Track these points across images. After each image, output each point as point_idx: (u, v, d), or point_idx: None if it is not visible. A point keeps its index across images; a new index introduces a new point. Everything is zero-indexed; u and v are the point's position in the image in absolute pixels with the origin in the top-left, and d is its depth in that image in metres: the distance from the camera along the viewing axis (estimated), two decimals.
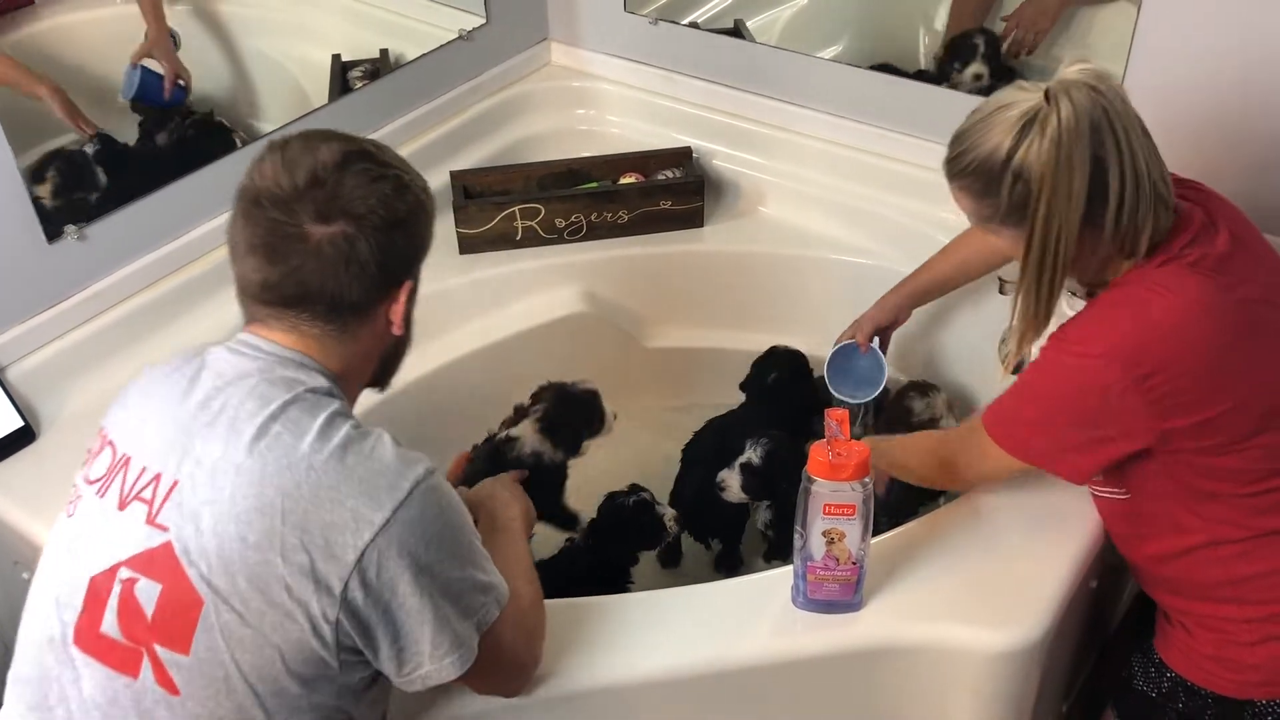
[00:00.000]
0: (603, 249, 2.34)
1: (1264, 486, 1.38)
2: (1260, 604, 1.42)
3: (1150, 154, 1.33)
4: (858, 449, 1.34)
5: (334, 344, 1.23)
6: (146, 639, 1.11)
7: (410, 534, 1.13)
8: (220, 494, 1.11)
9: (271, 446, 1.13)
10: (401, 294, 1.26)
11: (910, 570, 1.50)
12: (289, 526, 1.10)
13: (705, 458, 2.02)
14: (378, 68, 2.38)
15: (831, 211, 2.31)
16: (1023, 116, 1.31)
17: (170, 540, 1.11)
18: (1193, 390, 1.32)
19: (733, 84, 2.41)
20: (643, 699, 1.44)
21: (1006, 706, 1.49)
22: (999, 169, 1.33)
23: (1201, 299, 1.33)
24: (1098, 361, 1.34)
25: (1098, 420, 1.37)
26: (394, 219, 1.21)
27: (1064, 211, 1.31)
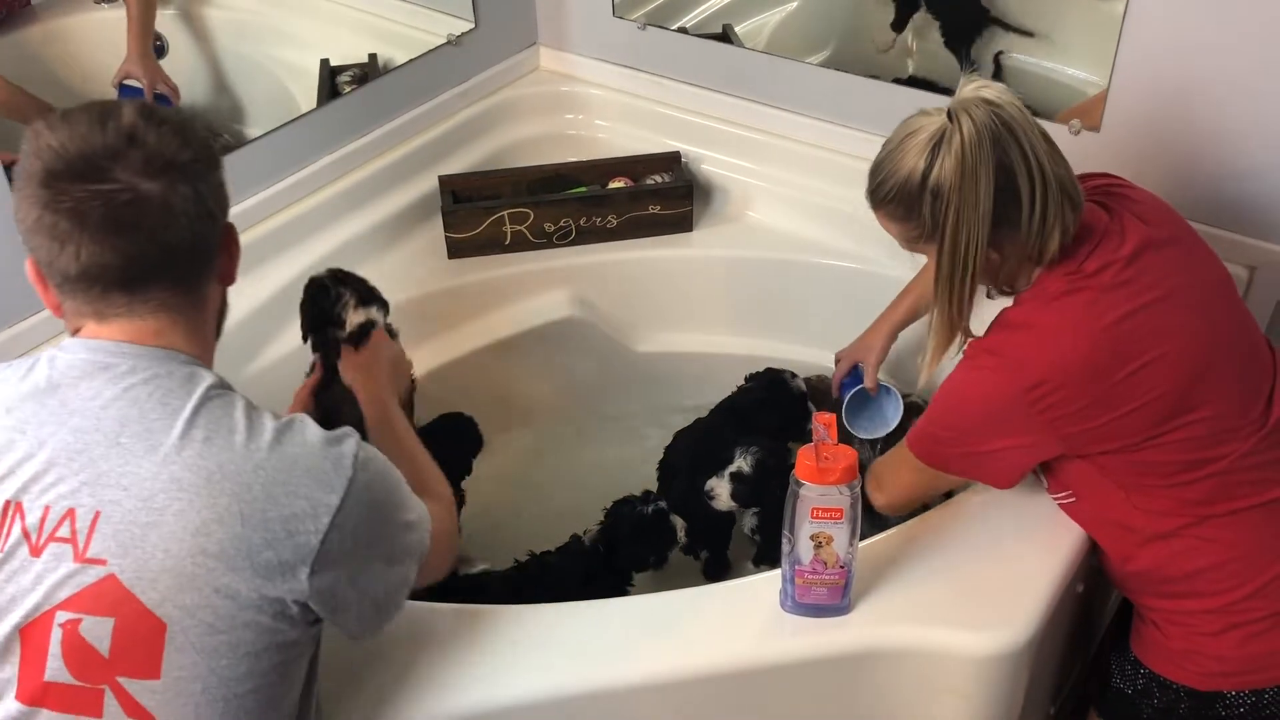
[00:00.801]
0: (591, 253, 2.34)
1: (1187, 477, 1.43)
2: (1213, 595, 1.45)
3: (1054, 158, 1.41)
4: (845, 453, 1.34)
5: (189, 316, 1.19)
6: (106, 675, 1.07)
7: (362, 505, 1.16)
8: (163, 514, 1.08)
9: (204, 454, 1.10)
10: (228, 237, 1.23)
11: (898, 574, 1.50)
12: (250, 528, 1.09)
13: (683, 468, 2.02)
14: (366, 72, 2.38)
15: (819, 216, 2.31)
16: (931, 138, 1.39)
17: (112, 572, 1.07)
18: (1076, 401, 1.40)
19: (721, 89, 2.42)
20: (631, 704, 1.44)
21: (994, 710, 1.49)
22: (917, 190, 1.40)
23: (1081, 323, 1.40)
24: (993, 375, 1.43)
25: (1001, 429, 1.46)
26: (211, 159, 1.18)
27: (972, 221, 1.38)
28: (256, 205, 2.11)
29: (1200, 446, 1.42)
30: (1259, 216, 1.86)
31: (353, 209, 2.25)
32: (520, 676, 1.39)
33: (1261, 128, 1.80)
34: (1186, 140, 1.88)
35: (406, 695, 1.37)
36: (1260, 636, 1.45)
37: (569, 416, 2.44)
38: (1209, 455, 1.42)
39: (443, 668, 1.41)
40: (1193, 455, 1.42)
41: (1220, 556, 1.44)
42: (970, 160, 1.36)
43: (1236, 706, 1.48)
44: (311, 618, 1.17)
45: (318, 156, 2.21)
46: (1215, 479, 1.43)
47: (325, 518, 1.12)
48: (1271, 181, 1.83)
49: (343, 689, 1.38)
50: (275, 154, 2.15)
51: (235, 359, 1.98)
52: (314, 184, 2.21)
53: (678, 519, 1.88)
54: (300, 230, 2.16)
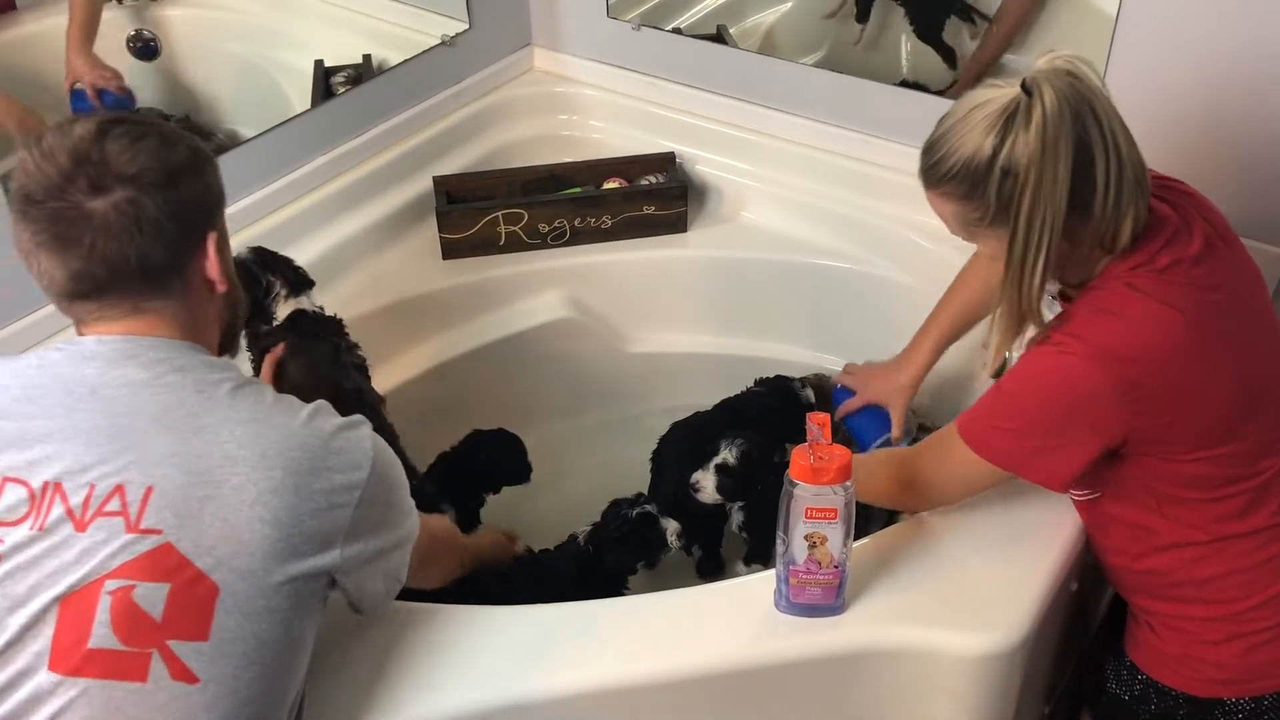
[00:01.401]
0: (586, 254, 2.34)
1: (1224, 492, 1.40)
2: (1221, 603, 1.44)
3: (1130, 141, 1.33)
4: (839, 453, 1.34)
5: (180, 313, 1.24)
6: (157, 639, 1.12)
7: (380, 483, 1.26)
8: (220, 487, 1.15)
9: (254, 433, 1.18)
10: (209, 247, 1.25)
11: (892, 574, 1.51)
12: (301, 498, 1.18)
13: (677, 462, 2.02)
14: (360, 73, 2.38)
15: (814, 216, 2.32)
16: (1003, 111, 1.29)
17: (169, 541, 1.13)
18: (1161, 393, 1.33)
19: (716, 89, 2.42)
20: (626, 704, 1.44)
21: (988, 709, 1.49)
22: (984, 168, 1.31)
23: (1171, 306, 1.33)
24: (1083, 361, 1.33)
25: (1083, 418, 1.36)
26: (170, 171, 1.19)
27: (1049, 200, 1.29)
28: (251, 206, 2.11)
29: (1239, 464, 1.39)
30: (1255, 216, 1.87)
31: (347, 209, 2.25)
32: (515, 677, 1.39)
33: (1257, 126, 1.81)
34: (1181, 140, 1.88)
35: (399, 696, 1.37)
36: (1262, 647, 1.44)
37: (563, 417, 2.44)
38: (1249, 470, 1.39)
39: (436, 668, 1.40)
40: (1231, 472, 1.39)
41: (1233, 565, 1.42)
42: (1052, 134, 1.26)
43: (1235, 713, 1.47)
44: (326, 594, 1.26)
45: (312, 157, 2.21)
46: (1249, 494, 1.40)
47: (356, 492, 1.22)
48: (1268, 180, 1.84)
49: (333, 689, 1.38)
50: (269, 155, 2.15)
51: None
52: (308, 184, 2.21)
53: (670, 522, 1.87)
54: (294, 231, 2.16)
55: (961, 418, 1.46)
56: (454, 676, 1.40)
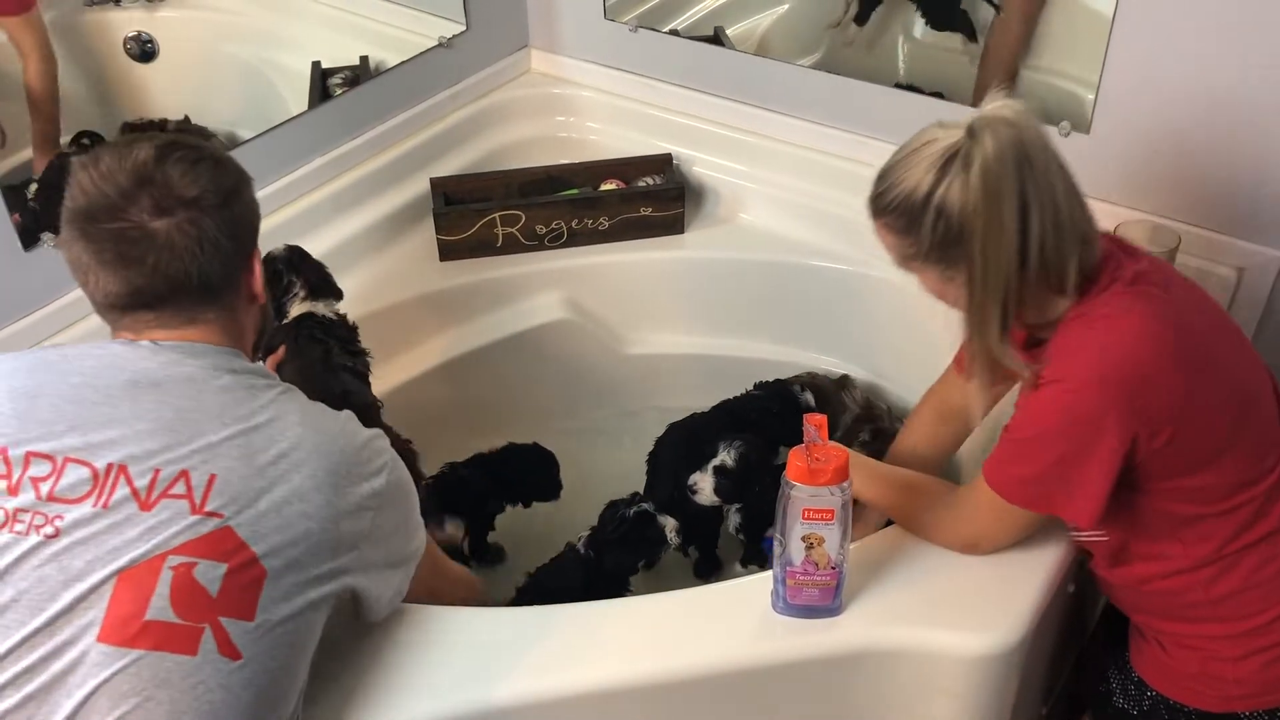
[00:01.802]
0: (583, 255, 2.34)
1: (1237, 500, 1.39)
2: (1239, 619, 1.43)
3: (1070, 191, 1.34)
4: (836, 454, 1.34)
5: (229, 324, 1.33)
6: (210, 614, 1.18)
7: (396, 490, 1.36)
8: (275, 482, 1.23)
9: (303, 435, 1.26)
10: (255, 263, 1.36)
11: (890, 574, 1.51)
12: (339, 496, 1.26)
13: (673, 463, 2.02)
14: (358, 75, 2.38)
15: (810, 217, 2.32)
16: (945, 153, 1.32)
17: (230, 525, 1.20)
18: (1173, 395, 1.33)
19: (713, 91, 2.42)
20: (624, 705, 1.44)
21: (986, 710, 1.49)
22: (920, 206, 1.34)
23: (1155, 311, 1.35)
24: (1077, 392, 1.34)
25: (1088, 447, 1.35)
26: (226, 193, 1.29)
27: (997, 245, 1.31)
28: None
29: (1247, 466, 1.39)
30: (1247, 218, 1.87)
31: (344, 211, 2.26)
32: (513, 678, 1.39)
33: (1251, 130, 1.81)
34: (1176, 142, 1.88)
35: (398, 697, 1.37)
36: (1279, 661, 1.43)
37: (560, 418, 2.44)
38: (1254, 475, 1.39)
39: (435, 669, 1.41)
40: (1241, 476, 1.39)
41: (1247, 580, 1.42)
42: (994, 183, 1.29)
43: None
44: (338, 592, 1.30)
45: (309, 159, 2.22)
46: (1256, 503, 1.40)
47: (379, 499, 1.31)
48: (1260, 183, 1.84)
49: (331, 689, 1.38)
50: (267, 156, 2.14)
51: None
52: (306, 186, 2.21)
53: (668, 519, 1.87)
54: (292, 233, 2.15)
55: (985, 467, 1.45)
56: (452, 677, 1.40)
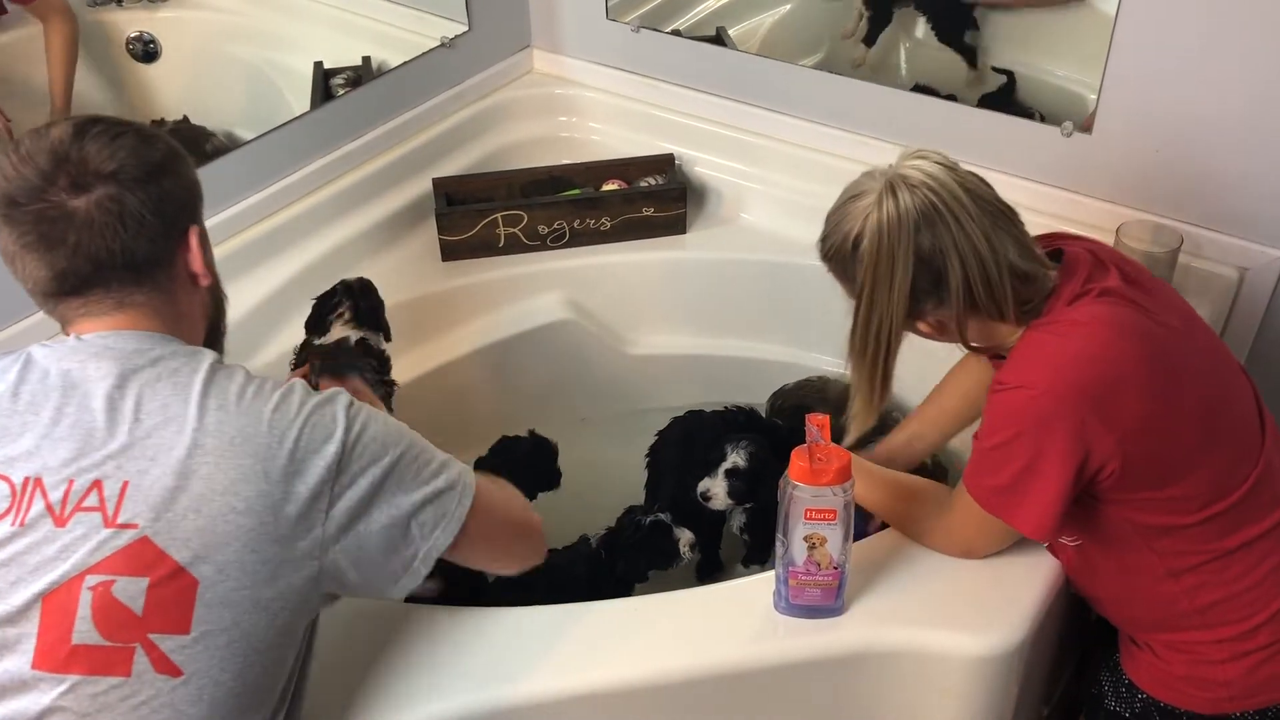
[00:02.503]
0: (585, 256, 2.34)
1: (1211, 512, 1.39)
2: (1227, 625, 1.43)
3: (995, 234, 1.37)
4: (838, 454, 1.34)
5: (163, 307, 1.25)
6: (138, 633, 1.13)
7: (365, 453, 1.22)
8: (190, 479, 1.15)
9: (223, 420, 1.18)
10: (192, 240, 1.27)
11: (892, 575, 1.51)
12: (272, 484, 1.17)
13: (675, 460, 2.03)
14: (360, 75, 2.38)
15: (813, 218, 2.27)
16: (867, 208, 1.38)
17: (145, 535, 1.13)
18: (1135, 406, 1.34)
19: (715, 91, 2.42)
20: (625, 705, 1.44)
21: (987, 711, 1.49)
22: (849, 254, 1.40)
23: (1118, 318, 1.36)
24: (1037, 395, 1.34)
25: (1043, 451, 1.35)
26: (150, 167, 1.22)
27: (884, 301, 1.38)
28: (251, 208, 2.11)
29: (1224, 474, 1.40)
30: (1249, 219, 1.87)
31: (347, 212, 2.26)
32: (516, 679, 1.40)
33: (1253, 130, 1.81)
34: (1179, 142, 1.88)
35: (398, 696, 1.37)
36: (1267, 662, 1.43)
37: (562, 419, 2.44)
38: (1230, 483, 1.40)
39: (437, 669, 1.41)
40: (1216, 486, 1.39)
41: (1233, 588, 1.42)
42: (887, 243, 1.36)
43: None
44: (324, 586, 1.22)
45: (311, 159, 2.22)
46: (1232, 511, 1.40)
47: (333, 466, 1.20)
48: (1262, 185, 1.84)
49: (334, 688, 1.38)
50: (269, 157, 2.15)
51: (231, 360, 1.98)
52: (308, 186, 2.21)
53: (684, 532, 1.85)
54: (294, 233, 2.16)
55: (964, 475, 1.47)
56: (454, 677, 1.40)
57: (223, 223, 2.07)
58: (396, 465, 1.24)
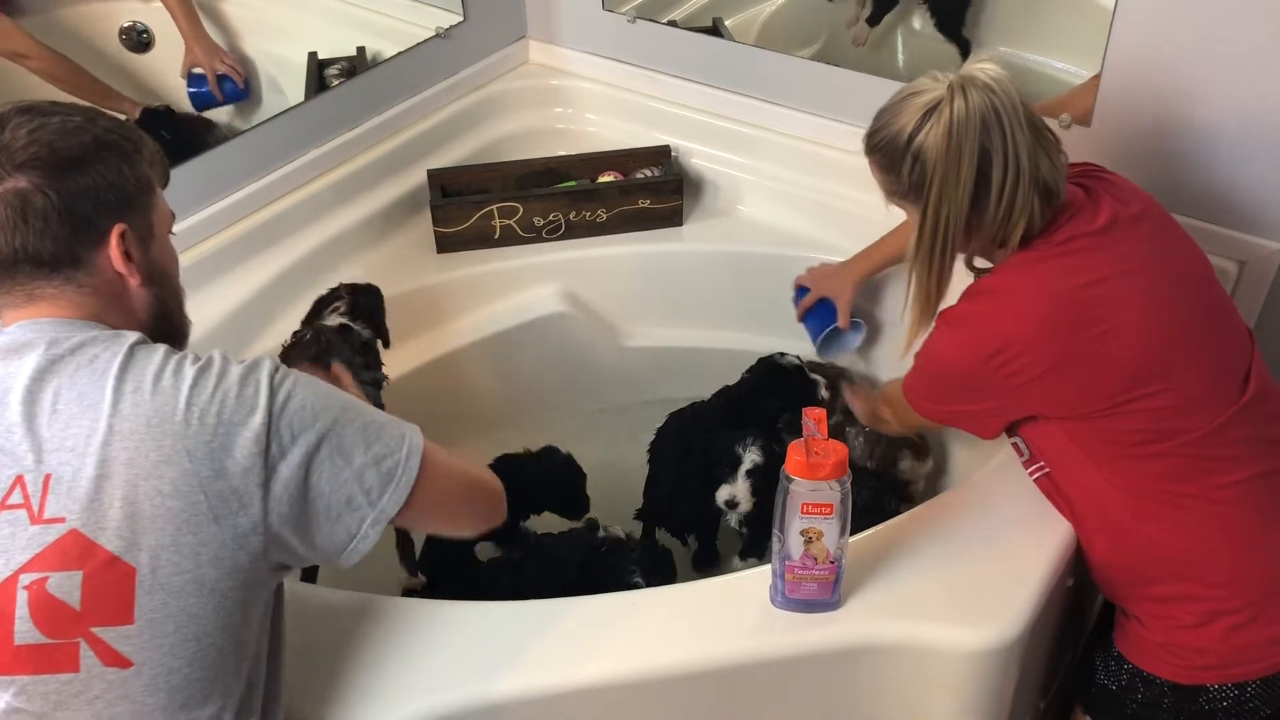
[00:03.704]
0: (581, 248, 2.34)
1: (1156, 449, 1.45)
2: (1189, 580, 1.47)
3: (1036, 149, 1.45)
4: (836, 448, 1.34)
5: (82, 299, 1.21)
6: (80, 628, 1.11)
7: (296, 420, 1.18)
8: (112, 465, 1.11)
9: (139, 403, 1.14)
10: (113, 239, 1.21)
11: (888, 569, 1.50)
12: (197, 463, 1.13)
13: (673, 454, 2.03)
14: (354, 65, 2.37)
15: (809, 210, 2.32)
16: (927, 104, 1.44)
17: (74, 527, 1.10)
18: (1039, 364, 1.44)
19: (711, 82, 2.41)
20: (621, 699, 1.44)
21: (985, 704, 1.49)
22: (901, 149, 1.46)
23: (1042, 285, 1.45)
24: (956, 344, 1.51)
25: (969, 394, 1.53)
26: (64, 161, 1.17)
27: (953, 197, 1.44)
28: (245, 199, 2.10)
29: (1165, 418, 1.44)
30: (1249, 212, 1.87)
31: (341, 203, 2.25)
32: (511, 672, 1.39)
33: (1252, 123, 1.81)
34: (1178, 135, 1.88)
35: (396, 690, 1.37)
36: (1242, 629, 1.45)
37: (559, 411, 2.44)
38: (1175, 426, 1.44)
39: (433, 662, 1.40)
40: (1158, 425, 1.44)
41: (1192, 539, 1.46)
42: (956, 139, 1.42)
43: (1220, 700, 1.48)
44: (273, 559, 1.19)
45: (306, 150, 2.21)
46: (1185, 455, 1.44)
47: (262, 438, 1.15)
48: (1261, 177, 1.84)
49: (322, 684, 1.37)
50: (263, 147, 2.14)
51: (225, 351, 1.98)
52: (302, 178, 2.20)
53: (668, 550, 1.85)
54: (289, 224, 2.15)
55: (905, 380, 1.65)
56: (450, 670, 1.40)
57: (217, 214, 2.06)
58: (331, 430, 1.20)
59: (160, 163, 1.29)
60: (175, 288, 1.33)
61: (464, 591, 1.84)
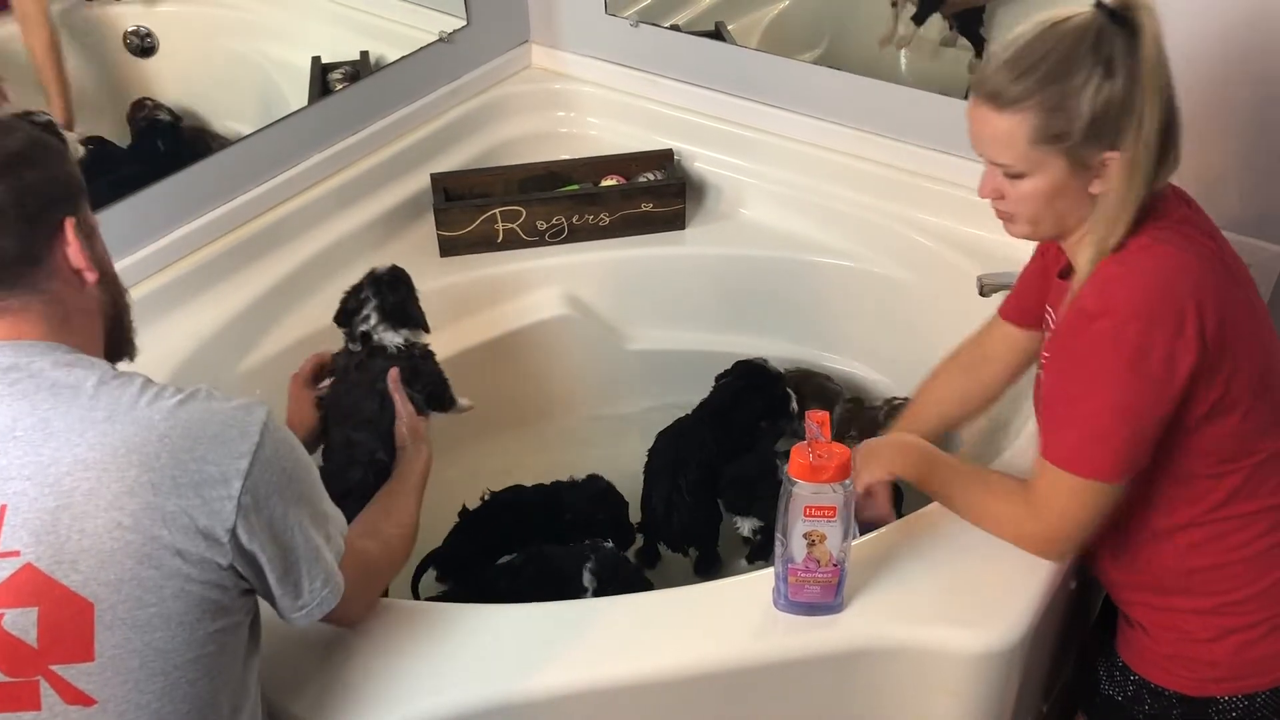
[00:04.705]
0: (584, 251, 2.34)
1: (1225, 469, 1.38)
2: (1211, 594, 1.43)
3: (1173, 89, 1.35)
4: (838, 451, 1.34)
5: (46, 310, 1.17)
6: (39, 666, 1.07)
7: (272, 473, 1.15)
8: (71, 495, 1.07)
9: (108, 431, 1.10)
10: (68, 233, 1.18)
11: (891, 572, 1.50)
12: (163, 496, 1.09)
13: (665, 468, 2.04)
14: (358, 70, 2.38)
15: (811, 213, 2.32)
16: (1089, 27, 1.29)
17: (29, 561, 1.06)
18: (1218, 336, 1.31)
19: (714, 86, 2.41)
20: (624, 702, 1.44)
21: (987, 707, 1.49)
22: (1081, 79, 1.28)
23: (1202, 256, 1.34)
24: (1135, 324, 1.30)
25: (1158, 387, 1.31)
26: (7, 158, 1.14)
27: (1153, 128, 1.30)
28: (248, 203, 2.10)
29: (1250, 437, 1.38)
30: (1252, 214, 1.87)
31: (344, 207, 2.25)
32: (514, 676, 1.39)
33: (1255, 125, 1.81)
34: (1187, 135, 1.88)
35: (397, 693, 1.37)
36: (1255, 644, 1.43)
37: (561, 415, 2.44)
38: (1250, 447, 1.38)
39: (434, 666, 1.40)
40: (1239, 445, 1.37)
41: (1229, 556, 1.42)
42: (1162, 57, 1.29)
43: (1229, 711, 1.47)
44: (244, 585, 1.17)
45: (309, 154, 2.21)
46: (1247, 474, 1.39)
47: (237, 482, 1.12)
48: (1263, 180, 1.84)
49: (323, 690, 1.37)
50: (267, 151, 2.14)
51: (228, 355, 1.98)
52: (305, 181, 2.20)
53: None
54: (292, 228, 2.15)
55: (1047, 448, 1.39)
56: (452, 675, 1.40)
57: (220, 218, 2.06)
58: (304, 495, 1.20)
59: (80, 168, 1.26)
60: (121, 288, 1.30)
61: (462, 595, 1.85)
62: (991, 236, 2.11)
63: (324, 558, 1.22)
